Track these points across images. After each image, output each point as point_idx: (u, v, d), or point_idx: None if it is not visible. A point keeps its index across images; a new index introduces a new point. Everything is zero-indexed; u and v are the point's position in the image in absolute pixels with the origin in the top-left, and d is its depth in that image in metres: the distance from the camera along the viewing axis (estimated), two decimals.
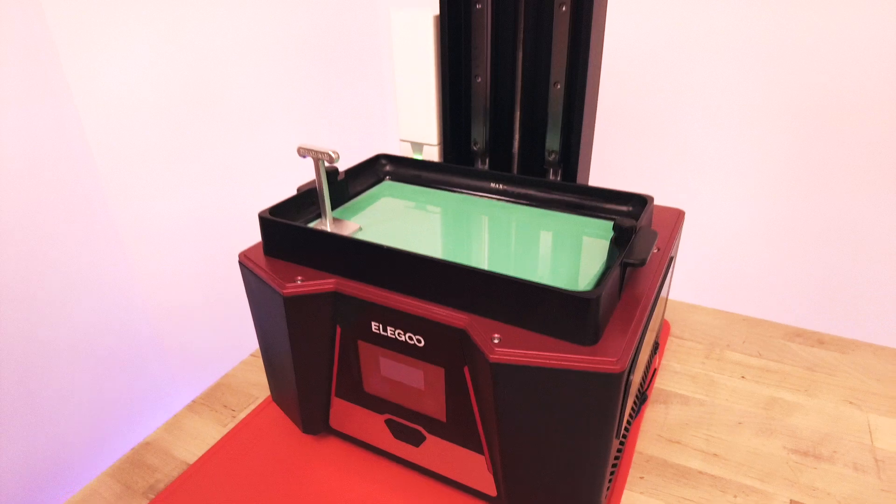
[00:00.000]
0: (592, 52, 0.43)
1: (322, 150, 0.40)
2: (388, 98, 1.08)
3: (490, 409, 0.36)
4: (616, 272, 0.34)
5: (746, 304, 0.82)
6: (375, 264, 0.38)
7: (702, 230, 0.87)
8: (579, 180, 0.50)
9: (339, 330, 0.41)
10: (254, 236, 1.05)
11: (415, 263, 0.36)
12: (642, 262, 0.35)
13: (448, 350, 0.36)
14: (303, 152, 0.41)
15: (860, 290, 0.79)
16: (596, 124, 0.53)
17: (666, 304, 0.61)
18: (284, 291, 0.39)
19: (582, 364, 0.32)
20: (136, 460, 0.49)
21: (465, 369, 0.36)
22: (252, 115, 1.01)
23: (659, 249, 0.43)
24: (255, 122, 1.01)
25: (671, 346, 0.62)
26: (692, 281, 0.86)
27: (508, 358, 0.32)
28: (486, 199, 0.50)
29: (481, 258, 0.41)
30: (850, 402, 0.54)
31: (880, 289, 0.78)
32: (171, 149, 0.97)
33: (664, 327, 0.64)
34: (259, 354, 0.62)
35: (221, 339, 1.16)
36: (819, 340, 0.63)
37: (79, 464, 0.97)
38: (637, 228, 0.37)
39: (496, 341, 0.33)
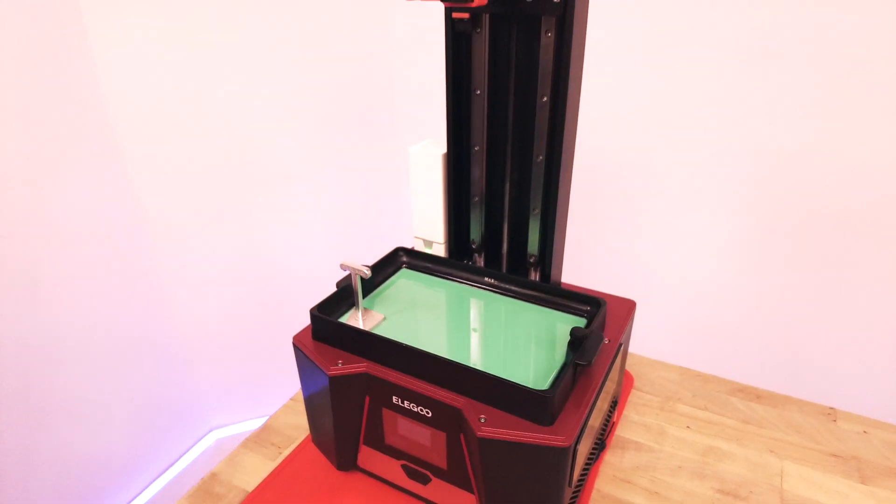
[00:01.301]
0: (560, 208, 0.57)
1: (359, 267, 0.54)
2: (406, 203, 1.27)
3: (478, 464, 0.50)
4: (569, 371, 0.48)
5: (701, 360, 0.95)
6: (395, 355, 0.52)
7: (666, 294, 1.01)
8: (553, 275, 0.63)
9: (368, 399, 0.55)
10: (289, 282, 1.21)
11: (424, 357, 0.51)
12: (589, 363, 0.49)
13: (448, 421, 0.50)
14: (344, 267, 0.55)
15: (795, 351, 0.93)
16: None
17: (626, 360, 0.74)
18: (329, 373, 0.53)
19: (541, 440, 0.46)
20: (206, 489, 0.64)
21: (461, 436, 0.50)
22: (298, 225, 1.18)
23: (609, 341, 0.57)
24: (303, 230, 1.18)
25: (633, 398, 0.75)
26: (657, 339, 1.00)
27: (491, 434, 0.46)
28: (480, 289, 0.64)
29: (475, 347, 0.55)
30: (771, 451, 0.68)
31: (811, 350, 0.91)
32: (217, 213, 1.12)
33: (628, 380, 0.78)
34: (296, 399, 0.76)
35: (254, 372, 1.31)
36: (757, 396, 0.76)
37: (126, 474, 1.13)
38: (588, 335, 0.51)
39: (482, 421, 0.47)
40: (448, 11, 0.55)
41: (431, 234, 0.68)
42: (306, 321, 0.64)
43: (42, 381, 0.97)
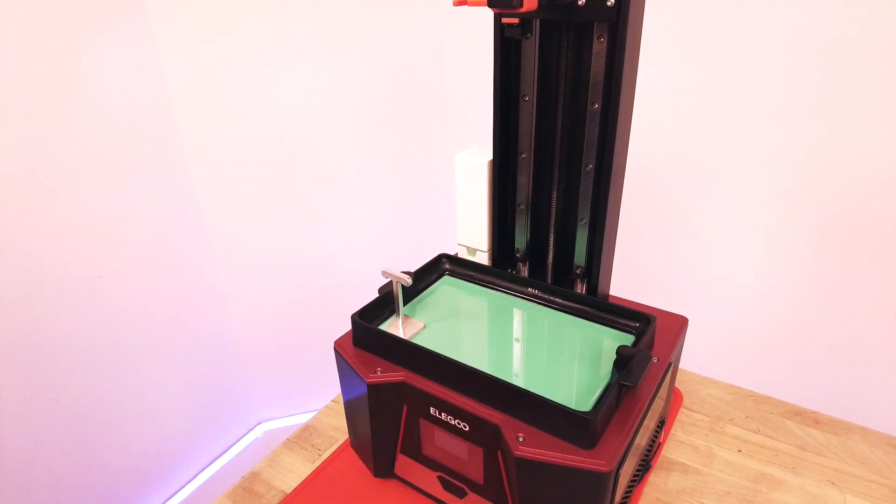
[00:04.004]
0: (609, 219, 0.55)
1: (399, 275, 0.54)
2: (451, 209, 1.27)
3: (515, 482, 0.48)
4: (614, 392, 0.47)
5: (754, 379, 0.91)
6: (434, 366, 0.51)
7: (719, 308, 0.97)
8: (600, 288, 0.61)
9: (405, 408, 0.54)
10: (338, 282, 1.22)
11: (462, 371, 0.50)
12: (635, 384, 0.47)
13: (486, 437, 0.49)
14: (385, 274, 0.55)
15: (860, 374, 0.87)
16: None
17: (675, 377, 0.71)
18: (368, 380, 0.53)
19: (581, 464, 0.44)
20: (247, 487, 0.65)
21: (498, 453, 0.49)
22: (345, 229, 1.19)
23: (658, 360, 0.54)
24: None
25: (681, 417, 0.72)
26: (708, 355, 0.95)
27: (528, 454, 0.45)
28: (523, 300, 0.62)
29: (516, 361, 0.54)
30: (832, 483, 0.63)
31: (879, 374, 0.85)
32: (269, 214, 1.15)
33: (676, 397, 0.75)
34: (338, 401, 0.76)
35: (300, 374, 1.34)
36: (815, 420, 0.72)
37: (179, 462, 1.17)
38: (634, 354, 0.49)
39: (520, 440, 0.46)
40: (497, 17, 0.54)
41: (475, 242, 0.67)
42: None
43: (104, 376, 1.01)
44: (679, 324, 0.60)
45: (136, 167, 0.98)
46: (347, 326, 0.59)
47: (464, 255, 0.70)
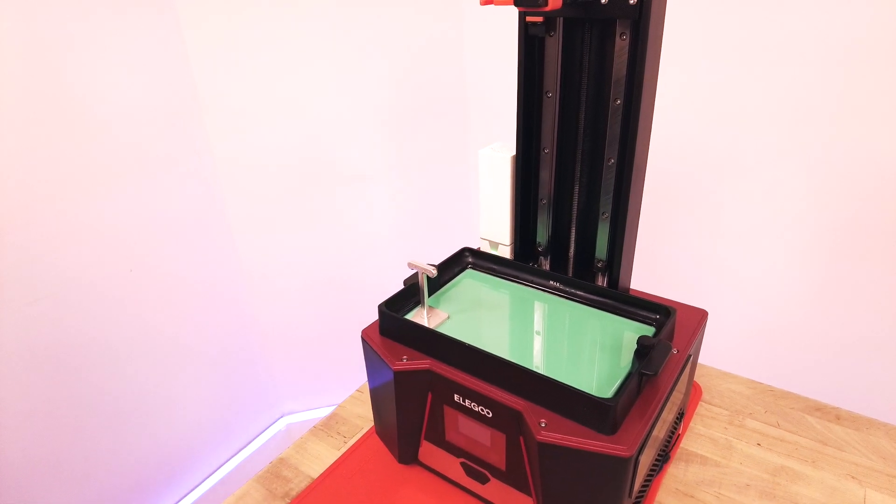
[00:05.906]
0: (631, 213, 0.56)
1: (425, 267, 0.55)
2: (474, 204, 1.28)
3: (536, 468, 0.50)
4: (634, 380, 0.48)
5: (775, 374, 0.91)
6: (459, 354, 0.53)
7: (740, 303, 0.97)
8: (621, 281, 0.62)
9: (430, 396, 0.56)
10: (360, 278, 1.24)
11: (486, 358, 0.51)
12: (656, 374, 0.48)
13: (509, 423, 0.51)
14: (411, 266, 0.56)
15: (882, 369, 0.86)
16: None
17: (695, 371, 0.72)
18: (394, 367, 0.55)
19: (602, 449, 0.45)
20: (275, 472, 0.67)
21: (521, 438, 0.50)
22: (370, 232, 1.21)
23: (678, 351, 0.55)
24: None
25: (700, 411, 0.73)
26: (728, 349, 0.96)
27: (550, 439, 0.47)
28: (545, 293, 0.64)
29: (538, 350, 0.55)
30: (853, 477, 0.64)
31: None
32: (294, 211, 1.17)
33: (696, 392, 0.75)
34: (363, 390, 0.78)
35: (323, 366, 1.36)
36: (837, 416, 0.72)
37: (203, 454, 1.20)
38: (655, 345, 0.50)
39: (543, 425, 0.47)
40: (522, 15, 0.55)
41: (498, 236, 0.69)
42: (375, 316, 0.66)
43: (131, 369, 1.04)
44: (699, 316, 0.61)
45: (166, 165, 1.01)
46: (369, 321, 0.61)
47: (486, 248, 0.71)
